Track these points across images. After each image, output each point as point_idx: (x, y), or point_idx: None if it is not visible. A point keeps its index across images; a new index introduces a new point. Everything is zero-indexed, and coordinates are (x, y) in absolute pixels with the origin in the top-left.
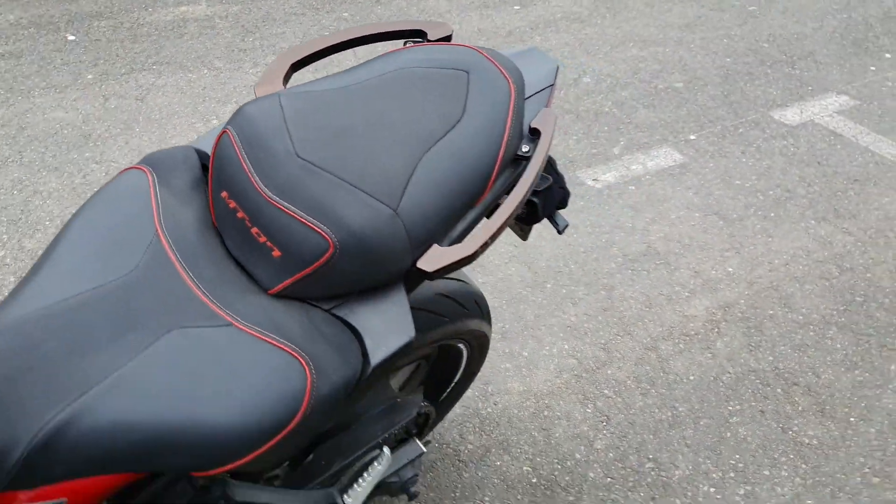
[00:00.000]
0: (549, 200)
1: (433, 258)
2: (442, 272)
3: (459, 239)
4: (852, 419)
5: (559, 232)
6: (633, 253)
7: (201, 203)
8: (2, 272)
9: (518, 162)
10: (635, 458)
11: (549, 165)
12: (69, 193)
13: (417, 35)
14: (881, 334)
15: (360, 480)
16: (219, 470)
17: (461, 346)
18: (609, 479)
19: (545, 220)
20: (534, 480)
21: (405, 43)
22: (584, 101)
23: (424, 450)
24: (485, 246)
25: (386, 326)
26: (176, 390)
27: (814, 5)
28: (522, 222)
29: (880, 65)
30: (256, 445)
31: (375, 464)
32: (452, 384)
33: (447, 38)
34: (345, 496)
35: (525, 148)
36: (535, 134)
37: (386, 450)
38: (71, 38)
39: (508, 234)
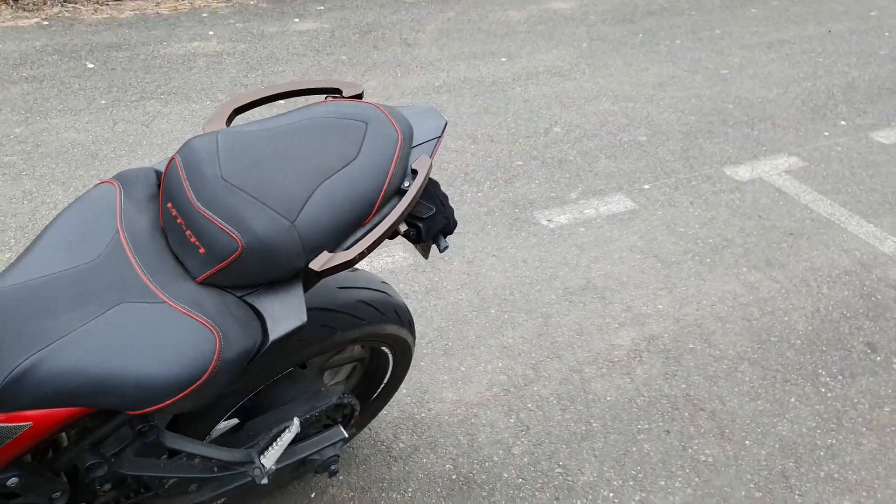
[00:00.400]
0: (431, 226)
1: (320, 260)
2: (328, 272)
3: (348, 248)
4: (748, 442)
5: (440, 251)
6: (574, 287)
7: (154, 211)
8: None
9: (401, 194)
10: (546, 464)
11: (437, 199)
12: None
13: (335, 91)
14: (787, 370)
15: (274, 444)
16: (146, 410)
17: (386, 350)
18: (521, 479)
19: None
20: (454, 477)
21: (326, 97)
22: (552, 149)
23: (346, 435)
24: (361, 255)
25: (283, 312)
26: (116, 347)
27: (782, 72)
28: (413, 242)
29: (833, 130)
30: (174, 393)
31: (286, 431)
32: (382, 385)
33: (359, 96)
34: (261, 456)
35: (406, 184)
36: (414, 173)
37: (296, 420)
38: (90, 65)
39: (463, 265)
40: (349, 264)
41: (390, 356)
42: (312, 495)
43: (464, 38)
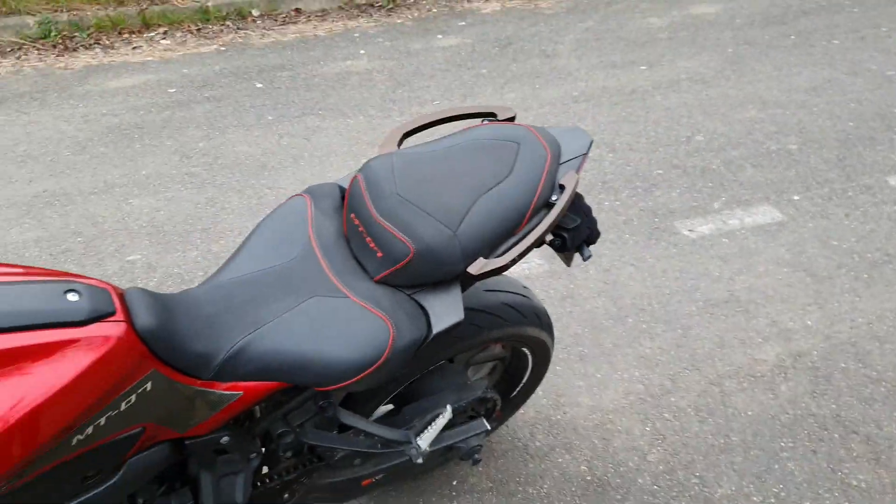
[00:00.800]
0: (576, 236)
1: (477, 265)
2: (482, 276)
3: (501, 255)
4: None
5: (584, 259)
6: (715, 299)
7: (339, 221)
8: (193, 267)
9: (550, 207)
10: (683, 474)
11: (582, 211)
12: (247, 211)
13: (490, 115)
14: None
15: (429, 428)
16: (331, 387)
17: (526, 351)
18: (656, 486)
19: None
20: (588, 478)
21: (482, 121)
22: (694, 157)
23: (488, 427)
24: (513, 261)
25: (445, 309)
26: (310, 334)
27: None
28: (558, 251)
29: None
30: (354, 374)
31: (440, 416)
32: (521, 384)
33: (511, 119)
34: (417, 438)
35: (554, 197)
36: (562, 188)
37: (448, 407)
38: (259, 85)
39: (600, 273)
40: (501, 269)
41: (530, 357)
42: (454, 482)
43: (602, 48)
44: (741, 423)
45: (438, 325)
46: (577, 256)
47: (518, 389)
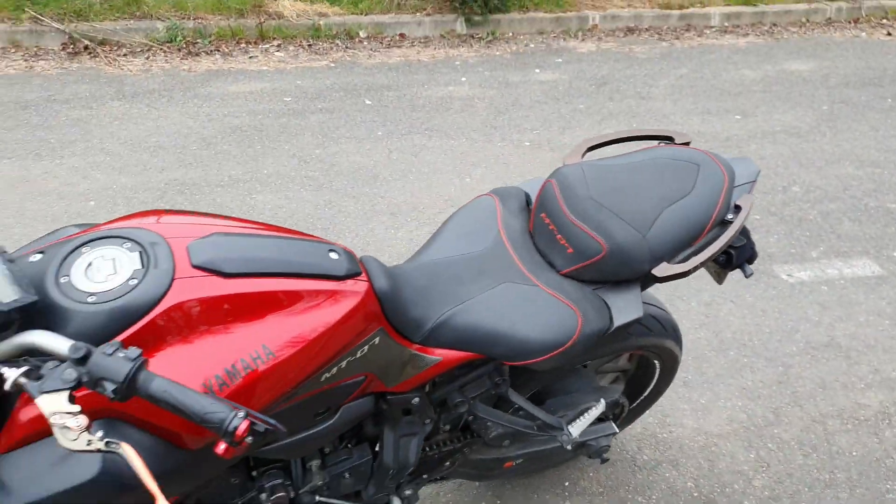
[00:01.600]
0: (741, 254)
1: (662, 269)
2: (666, 279)
3: (680, 262)
4: None
5: (746, 276)
6: (816, 342)
7: (524, 219)
8: None
9: (724, 224)
10: (788, 502)
11: (745, 233)
12: (362, 216)
13: (668, 139)
14: None
15: (581, 418)
16: (521, 362)
17: (656, 362)
18: None
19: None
20: (695, 495)
21: (659, 143)
22: (790, 207)
23: (617, 430)
24: (694, 268)
25: (625, 306)
26: (505, 313)
27: None
28: (721, 266)
29: None
30: (543, 353)
31: (593, 409)
32: (642, 396)
33: (687, 143)
34: (569, 426)
35: (730, 216)
36: (737, 208)
37: (602, 400)
38: (368, 102)
39: (701, 307)
40: (683, 275)
41: (658, 369)
42: (566, 483)
43: (697, 94)
44: (845, 461)
45: (620, 319)
46: (729, 274)
47: (639, 400)
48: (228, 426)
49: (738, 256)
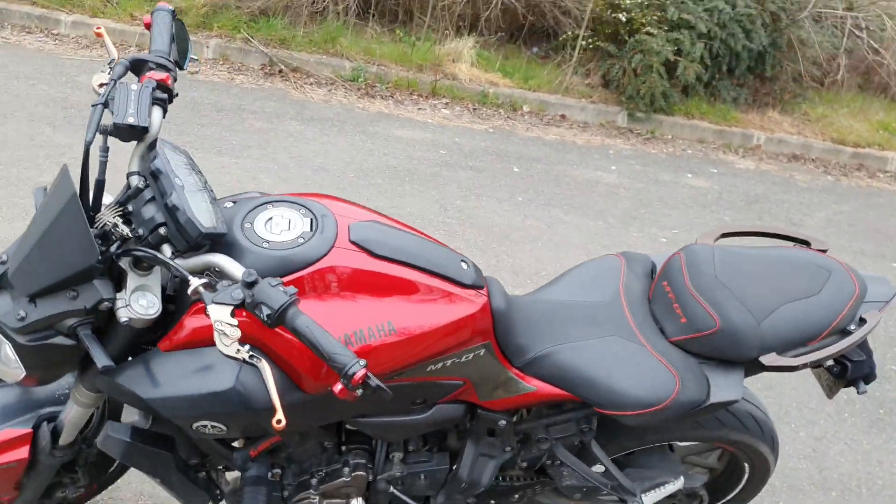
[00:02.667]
0: (858, 369)
1: (770, 359)
2: (771, 369)
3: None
4: None
5: (858, 393)
6: None
7: (645, 284)
8: None
9: (845, 334)
10: None
11: (866, 350)
12: (484, 269)
13: (805, 243)
14: None
15: (656, 490)
16: (611, 412)
17: (746, 466)
18: None
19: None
20: None
21: (795, 245)
22: None
23: None
24: (803, 366)
25: (725, 385)
26: (606, 362)
27: None
28: (833, 377)
29: None
30: (635, 408)
31: (670, 484)
32: (726, 498)
33: (823, 251)
34: (643, 494)
35: (852, 327)
36: (862, 322)
37: (682, 477)
38: (516, 169)
39: (810, 440)
40: (790, 369)
41: (746, 474)
42: None
43: (854, 233)
44: None
45: (716, 397)
46: (841, 391)
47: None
48: (349, 370)
49: (853, 370)
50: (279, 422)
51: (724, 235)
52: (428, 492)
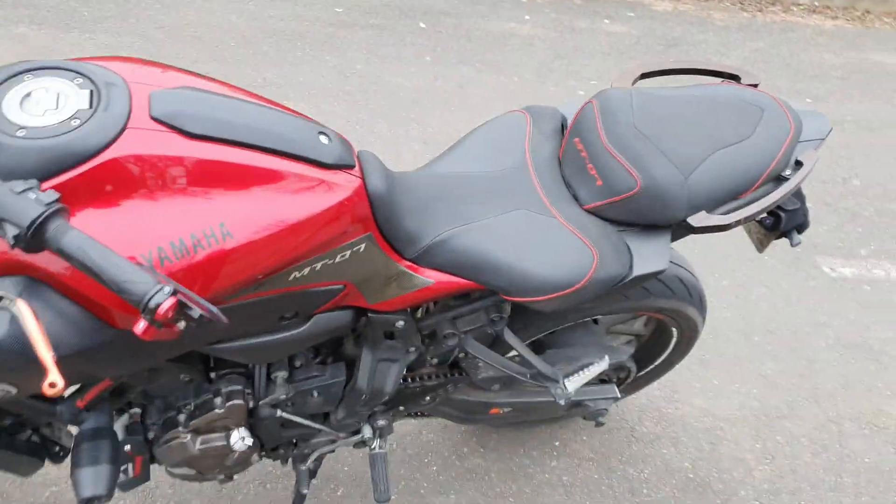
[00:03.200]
0: (792, 219)
1: (699, 219)
2: (702, 230)
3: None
4: None
5: (792, 245)
6: (847, 342)
7: (555, 143)
8: None
9: (780, 181)
10: (788, 498)
11: (800, 196)
12: (391, 140)
13: (734, 78)
14: None
15: (581, 372)
16: (521, 299)
17: (674, 330)
18: (757, 502)
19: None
20: (690, 476)
21: (722, 81)
22: (846, 200)
23: (619, 395)
24: (736, 223)
25: (650, 255)
26: (513, 241)
27: None
28: (766, 230)
29: None
30: (548, 292)
31: (594, 365)
32: (654, 364)
33: (754, 85)
34: (566, 379)
35: (787, 172)
36: (798, 165)
37: (606, 358)
38: (422, 25)
39: (734, 287)
40: (721, 228)
41: (674, 338)
42: (556, 443)
43: (770, 70)
44: (855, 466)
45: (640, 268)
46: (772, 245)
47: (648, 369)
48: (149, 301)
49: (787, 221)
50: (52, 385)
51: (644, 76)
52: (324, 408)
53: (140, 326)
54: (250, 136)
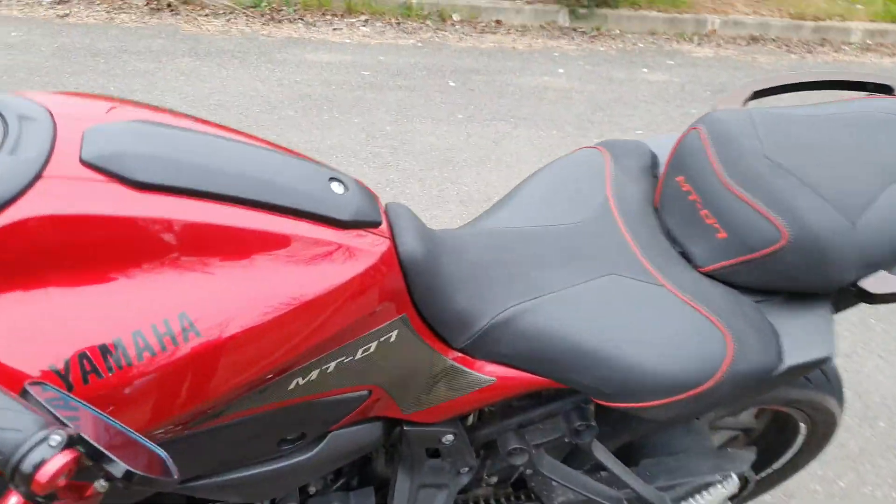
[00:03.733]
0: None
1: (880, 281)
2: (884, 299)
3: None
4: None
5: None
6: None
7: (647, 185)
8: None
9: None
10: None
11: None
12: (426, 200)
13: (883, 90)
14: None
15: (699, 497)
16: (619, 405)
17: (802, 424)
18: None
19: None
20: None
21: (867, 94)
22: None
23: None
24: None
25: (805, 336)
26: (607, 322)
27: None
28: None
29: None
30: (663, 394)
31: (720, 486)
32: (772, 468)
33: None
34: None
35: None
36: None
37: (734, 477)
38: (452, 84)
39: (840, 359)
40: None
41: (802, 434)
42: None
43: None
44: None
45: (795, 357)
46: None
47: (765, 473)
48: (21, 458)
49: None
50: None
51: (758, 95)
52: None
53: (11, 500)
54: (227, 184)
